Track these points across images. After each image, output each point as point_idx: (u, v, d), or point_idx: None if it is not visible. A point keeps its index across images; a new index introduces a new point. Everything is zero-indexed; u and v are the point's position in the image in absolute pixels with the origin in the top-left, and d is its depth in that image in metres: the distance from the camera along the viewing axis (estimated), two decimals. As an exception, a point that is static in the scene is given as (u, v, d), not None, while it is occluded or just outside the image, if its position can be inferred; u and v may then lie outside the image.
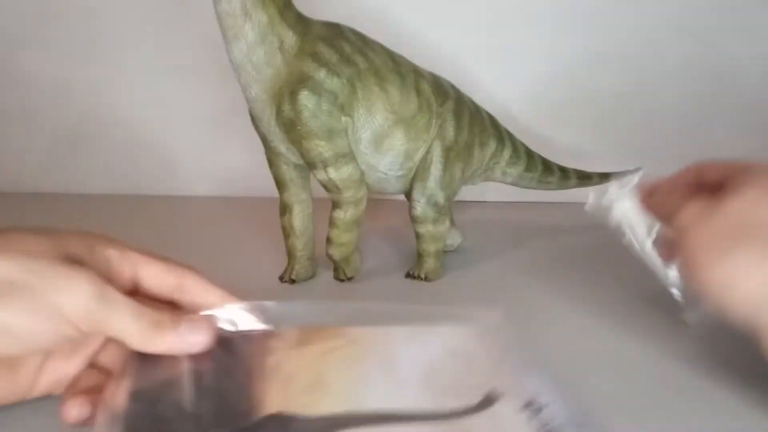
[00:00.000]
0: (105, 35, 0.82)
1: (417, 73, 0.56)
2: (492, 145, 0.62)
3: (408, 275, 0.59)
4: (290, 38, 0.50)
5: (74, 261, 0.32)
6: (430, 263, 0.59)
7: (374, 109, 0.52)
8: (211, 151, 0.85)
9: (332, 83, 0.50)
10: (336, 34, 0.52)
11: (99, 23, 0.81)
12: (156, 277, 0.37)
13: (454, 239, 0.66)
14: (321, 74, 0.50)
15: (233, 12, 0.47)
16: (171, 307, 0.37)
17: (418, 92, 0.55)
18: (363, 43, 0.53)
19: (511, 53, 0.80)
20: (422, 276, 0.58)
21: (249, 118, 0.55)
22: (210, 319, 0.36)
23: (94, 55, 0.83)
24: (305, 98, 0.49)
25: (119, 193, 0.87)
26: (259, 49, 0.49)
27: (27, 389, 0.34)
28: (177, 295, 0.38)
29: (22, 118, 0.85)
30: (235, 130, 0.79)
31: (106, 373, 0.36)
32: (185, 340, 0.34)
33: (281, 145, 0.53)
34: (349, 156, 0.52)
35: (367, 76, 0.52)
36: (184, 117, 0.84)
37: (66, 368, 0.35)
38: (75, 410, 0.33)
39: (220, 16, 0.48)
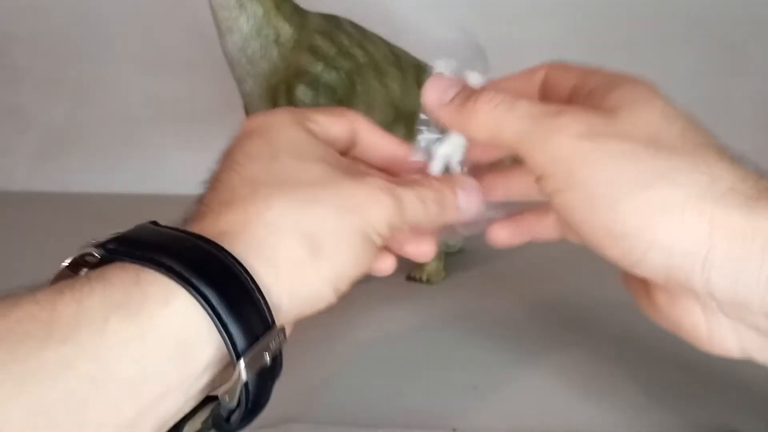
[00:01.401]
0: (96, 31, 0.81)
1: (418, 67, 0.55)
2: (495, 142, 0.60)
3: (409, 278, 0.58)
4: (286, 31, 0.49)
5: (353, 170, 0.30)
6: (431, 265, 0.57)
7: (374, 104, 0.51)
8: (204, 148, 0.84)
9: (330, 77, 0.49)
10: (334, 26, 0.51)
11: (89, 19, 0.80)
12: (333, 128, 0.34)
13: (456, 241, 0.64)
14: (318, 68, 0.48)
15: (227, 4, 0.47)
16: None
17: (420, 87, 0.54)
18: (362, 36, 0.52)
19: (514, 47, 0.79)
20: (423, 278, 0.57)
21: (243, 113, 0.54)
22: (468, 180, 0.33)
23: (85, 52, 0.81)
24: (302, 93, 0.48)
25: (111, 192, 0.86)
26: (255, 42, 0.48)
27: None
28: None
29: (12, 116, 0.84)
30: (228, 127, 0.78)
31: None
32: (467, 204, 0.32)
33: (277, 142, 0.52)
34: (348, 153, 0.51)
35: (366, 70, 0.50)
36: (177, 113, 0.83)
37: None
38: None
39: (214, 8, 0.47)
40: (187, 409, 0.24)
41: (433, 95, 0.32)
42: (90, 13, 0.80)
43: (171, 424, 0.23)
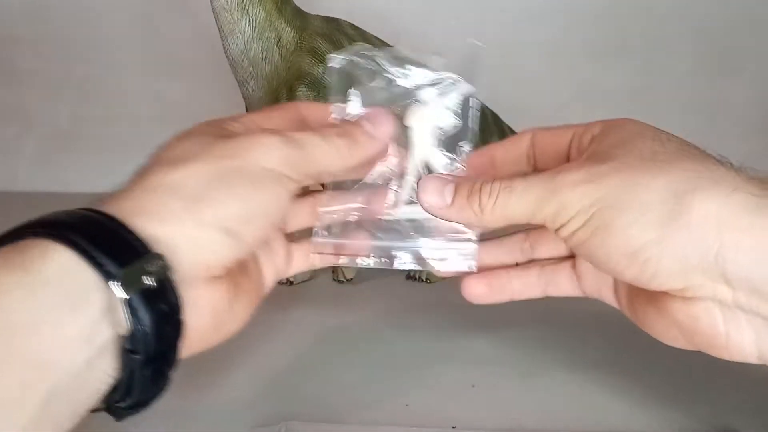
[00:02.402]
0: (99, 33, 0.81)
1: (418, 69, 0.55)
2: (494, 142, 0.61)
3: (409, 277, 0.58)
4: (288, 34, 0.49)
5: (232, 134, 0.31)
6: (431, 264, 0.57)
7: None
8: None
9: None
10: (334, 29, 0.51)
11: (93, 21, 0.80)
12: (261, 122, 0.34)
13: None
14: (319, 70, 0.49)
15: (230, 7, 0.47)
16: None
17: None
18: (362, 38, 0.52)
19: (514, 49, 0.79)
20: (423, 278, 0.57)
21: (245, 115, 0.54)
22: (381, 110, 0.33)
23: (88, 53, 0.82)
24: (303, 95, 0.48)
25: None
26: (256, 44, 0.48)
27: (262, 288, 0.34)
28: None
29: (16, 116, 0.84)
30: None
31: None
32: (377, 133, 0.32)
33: (278, 144, 0.52)
34: (348, 154, 0.51)
35: (366, 73, 0.51)
36: (179, 114, 0.83)
37: (276, 251, 0.35)
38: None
39: (217, 12, 0.47)
40: (105, 368, 0.25)
41: (431, 200, 0.31)
42: (93, 15, 0.80)
43: (92, 379, 0.25)
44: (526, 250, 0.36)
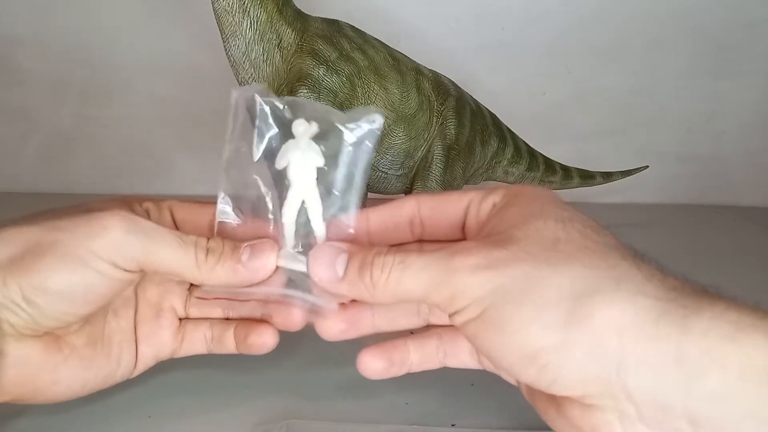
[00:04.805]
0: (101, 34, 0.81)
1: (417, 70, 0.55)
2: (494, 143, 0.61)
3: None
4: (289, 35, 0.49)
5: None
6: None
7: (374, 107, 0.51)
8: (207, 149, 0.85)
9: (331, 81, 0.49)
10: (335, 30, 0.52)
11: (95, 22, 0.80)
12: (193, 216, 0.34)
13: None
14: (320, 72, 0.49)
15: (231, 9, 0.47)
16: None
17: (419, 90, 0.54)
18: (362, 40, 0.53)
19: (513, 50, 0.79)
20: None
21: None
22: (270, 242, 0.31)
23: (90, 55, 0.82)
24: (304, 96, 0.48)
25: (116, 193, 0.86)
26: (257, 46, 0.48)
27: (128, 365, 0.33)
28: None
29: (19, 117, 0.85)
30: (232, 129, 0.79)
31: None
32: (250, 266, 0.30)
33: (279, 145, 0.53)
34: (349, 155, 0.51)
35: (366, 74, 0.51)
36: (181, 116, 0.84)
37: (160, 332, 0.34)
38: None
39: (218, 14, 0.48)
40: None
41: (322, 273, 0.29)
42: (96, 16, 0.80)
43: None
44: (423, 312, 0.34)
